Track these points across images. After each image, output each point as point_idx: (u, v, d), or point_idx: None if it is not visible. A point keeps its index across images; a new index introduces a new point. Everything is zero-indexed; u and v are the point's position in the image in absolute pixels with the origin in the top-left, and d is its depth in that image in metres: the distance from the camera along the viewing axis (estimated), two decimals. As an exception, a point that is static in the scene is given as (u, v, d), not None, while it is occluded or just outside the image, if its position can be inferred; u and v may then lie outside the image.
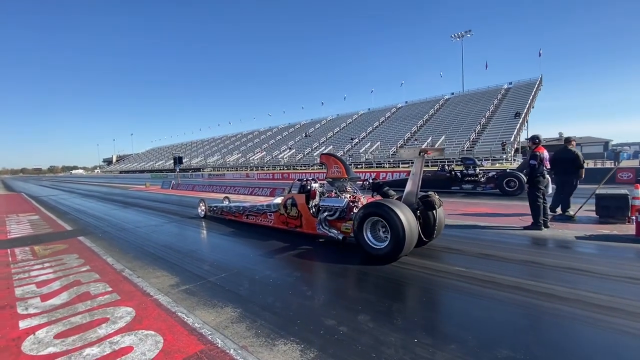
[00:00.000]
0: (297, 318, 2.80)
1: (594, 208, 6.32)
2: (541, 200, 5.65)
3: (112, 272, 4.23)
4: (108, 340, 2.54)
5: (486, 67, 47.75)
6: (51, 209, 12.05)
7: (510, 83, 41.70)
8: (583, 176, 6.58)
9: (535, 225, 5.66)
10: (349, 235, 4.97)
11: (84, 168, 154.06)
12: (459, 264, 4.03)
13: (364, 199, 5.39)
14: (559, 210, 6.81)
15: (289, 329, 2.62)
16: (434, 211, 4.61)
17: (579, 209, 6.60)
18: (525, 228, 5.77)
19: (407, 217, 4.08)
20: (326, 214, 5.31)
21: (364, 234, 4.45)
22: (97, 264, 4.61)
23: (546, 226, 5.70)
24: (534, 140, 5.78)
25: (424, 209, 4.60)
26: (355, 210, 5.00)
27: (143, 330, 2.66)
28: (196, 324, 2.73)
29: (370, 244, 4.38)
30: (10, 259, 5.09)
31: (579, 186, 6.65)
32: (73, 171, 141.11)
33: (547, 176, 5.75)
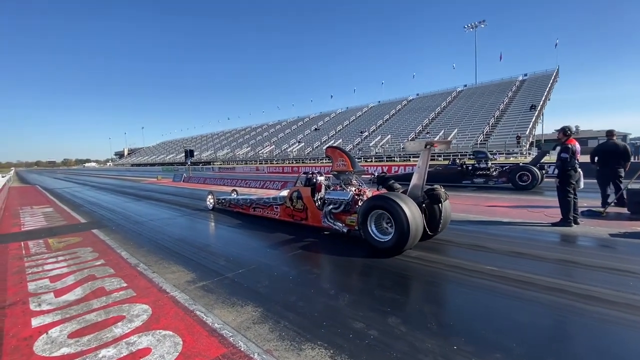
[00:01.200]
0: (323, 319, 2.62)
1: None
2: (572, 196, 5.34)
3: (126, 267, 4.12)
4: (125, 340, 2.39)
5: (500, 58, 46.11)
6: (65, 202, 12.13)
7: (526, 75, 40.53)
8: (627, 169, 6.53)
9: (565, 222, 5.35)
10: (353, 228, 4.99)
11: (96, 161, 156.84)
12: (489, 262, 3.79)
13: (369, 192, 5.37)
14: (585, 205, 6.51)
15: (315, 332, 2.44)
16: (440, 204, 4.55)
17: (609, 204, 6.26)
18: (554, 224, 5.48)
19: (411, 210, 4.04)
20: (331, 206, 5.32)
21: (369, 226, 4.44)
22: (112, 258, 4.51)
23: (576, 223, 5.39)
24: (565, 131, 5.43)
25: (429, 203, 4.57)
26: (360, 204, 4.97)
27: (161, 330, 2.51)
28: (216, 324, 2.57)
29: (375, 236, 4.37)
30: (23, 252, 5.04)
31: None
32: (86, 164, 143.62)
33: (579, 170, 5.41)
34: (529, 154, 26.46)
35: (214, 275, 3.71)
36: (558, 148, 5.54)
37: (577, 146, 5.39)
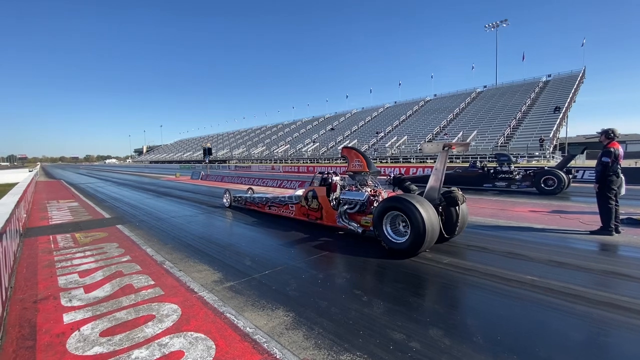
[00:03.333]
0: (359, 328, 2.49)
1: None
2: (613, 202, 5.01)
3: (152, 264, 4.10)
4: (156, 341, 2.33)
5: (523, 58, 44.65)
6: (89, 196, 12.42)
7: (549, 75, 39.16)
8: None
9: (606, 230, 5.04)
10: (368, 228, 4.96)
11: (116, 157, 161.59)
12: (529, 271, 3.57)
13: (384, 193, 5.32)
14: (623, 212, 6.12)
15: (353, 341, 2.31)
16: (457, 207, 4.49)
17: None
18: (593, 232, 5.17)
19: (428, 212, 4.00)
20: (346, 207, 5.31)
21: (384, 227, 4.41)
22: (137, 255, 4.51)
23: (617, 231, 5.06)
24: (608, 134, 5.10)
25: (446, 205, 4.50)
26: (375, 204, 4.92)
27: (192, 333, 2.44)
28: (248, 328, 2.48)
29: (390, 238, 4.33)
30: (52, 245, 5.12)
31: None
32: (107, 160, 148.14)
33: (622, 176, 5.08)
34: (553, 157, 25.56)
35: (240, 276, 3.64)
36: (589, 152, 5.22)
37: (621, 150, 5.06)
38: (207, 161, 25.33)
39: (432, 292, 3.26)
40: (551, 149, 26.43)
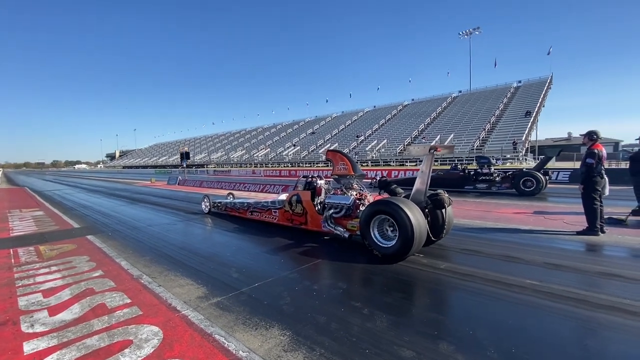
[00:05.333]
0: (364, 346, 2.28)
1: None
2: (598, 203, 5.10)
3: (128, 279, 3.72)
4: (135, 373, 2.03)
5: (495, 65, 46.85)
6: (56, 205, 11.57)
7: (520, 81, 40.93)
8: None
9: (592, 231, 5.11)
10: (354, 232, 4.86)
11: (86, 163, 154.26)
12: (528, 276, 3.49)
13: (370, 197, 5.27)
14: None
15: (359, 362, 2.10)
16: (443, 210, 4.48)
17: (631, 213, 6.05)
18: (579, 233, 5.23)
19: (415, 216, 3.96)
20: (332, 211, 5.19)
21: (371, 232, 4.32)
22: (111, 269, 4.10)
23: (602, 231, 5.15)
24: (591, 136, 5.20)
25: (432, 208, 4.49)
26: (361, 208, 4.87)
27: (177, 360, 2.15)
28: (241, 352, 2.22)
29: (378, 242, 4.25)
30: (13, 260, 4.60)
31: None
32: (76, 166, 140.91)
33: (605, 177, 5.18)
34: (525, 159, 26.57)
35: (228, 290, 3.35)
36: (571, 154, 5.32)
37: (604, 151, 5.17)
38: (184, 166, 24.47)
39: (434, 301, 3.10)
40: (524, 151, 27.49)
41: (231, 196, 8.85)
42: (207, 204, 8.55)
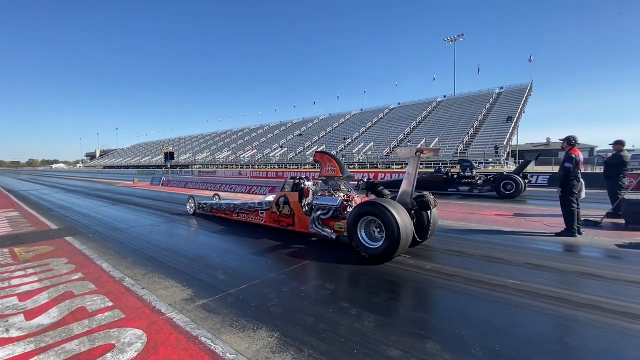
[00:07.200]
0: (352, 346, 2.29)
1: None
2: (575, 205, 5.30)
3: (110, 282, 3.62)
4: (118, 378, 1.97)
5: (478, 71, 48.13)
6: (32, 205, 11.13)
7: (502, 87, 42.13)
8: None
9: (569, 232, 5.30)
10: (342, 234, 4.89)
11: (65, 162, 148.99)
12: (510, 275, 3.59)
13: (357, 198, 5.33)
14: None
15: (348, 362, 2.10)
16: (429, 211, 4.57)
17: (605, 215, 6.32)
18: (558, 234, 5.42)
19: (402, 217, 4.02)
20: (319, 212, 5.22)
21: (358, 233, 4.35)
22: (91, 271, 3.98)
23: (579, 233, 5.35)
24: (570, 141, 5.41)
25: (418, 209, 4.58)
26: (349, 209, 4.93)
27: (162, 364, 2.10)
28: (228, 354, 2.19)
29: (365, 243, 4.29)
30: (-15, 263, 4.39)
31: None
32: (54, 165, 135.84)
33: (582, 180, 5.40)
34: (507, 163, 27.37)
35: (214, 292, 3.30)
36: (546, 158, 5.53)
37: (581, 156, 5.38)
38: (168, 166, 24.01)
39: (420, 301, 3.15)
40: (505, 155, 28.30)
41: (217, 197, 8.75)
42: (192, 205, 8.44)
